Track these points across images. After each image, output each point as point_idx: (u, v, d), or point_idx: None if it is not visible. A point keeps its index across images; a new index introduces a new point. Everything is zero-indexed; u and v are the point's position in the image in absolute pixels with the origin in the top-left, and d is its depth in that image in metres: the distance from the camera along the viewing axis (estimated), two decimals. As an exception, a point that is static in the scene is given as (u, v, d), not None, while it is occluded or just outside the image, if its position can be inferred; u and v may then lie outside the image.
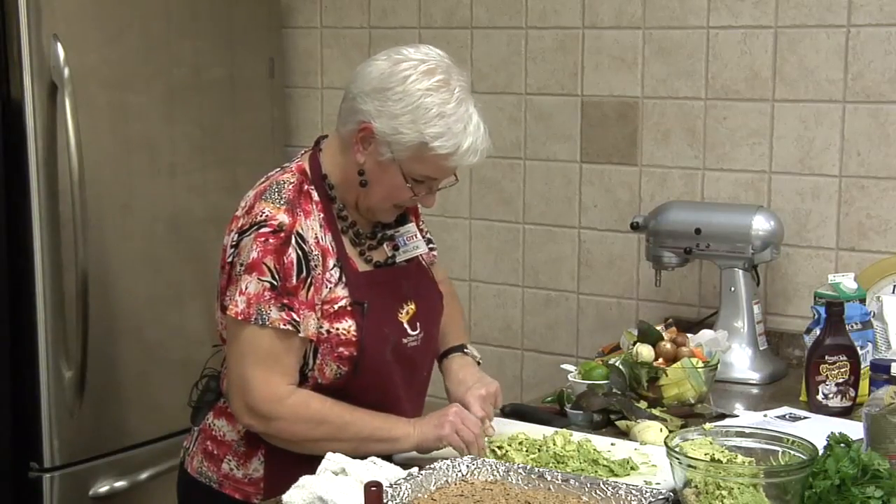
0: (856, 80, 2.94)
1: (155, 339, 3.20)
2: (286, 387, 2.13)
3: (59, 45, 2.90)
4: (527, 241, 3.45)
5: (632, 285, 3.28)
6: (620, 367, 2.58)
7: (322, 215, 2.19)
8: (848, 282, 2.69)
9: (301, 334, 2.12)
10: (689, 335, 2.62)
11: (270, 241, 2.10)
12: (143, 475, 3.15)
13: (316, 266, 2.14)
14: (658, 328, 2.62)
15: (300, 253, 2.12)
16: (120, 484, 3.11)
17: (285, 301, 2.10)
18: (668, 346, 2.55)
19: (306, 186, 2.19)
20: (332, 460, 1.96)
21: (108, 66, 3.06)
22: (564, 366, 2.72)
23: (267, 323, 2.09)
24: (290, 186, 2.17)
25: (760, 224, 2.84)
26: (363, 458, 2.01)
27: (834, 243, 3.00)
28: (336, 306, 2.16)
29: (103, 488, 3.08)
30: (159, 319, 3.22)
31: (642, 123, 3.23)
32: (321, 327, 2.15)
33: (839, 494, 1.81)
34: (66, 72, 2.90)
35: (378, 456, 2.05)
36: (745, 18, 3.06)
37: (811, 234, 3.02)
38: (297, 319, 2.11)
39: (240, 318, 2.10)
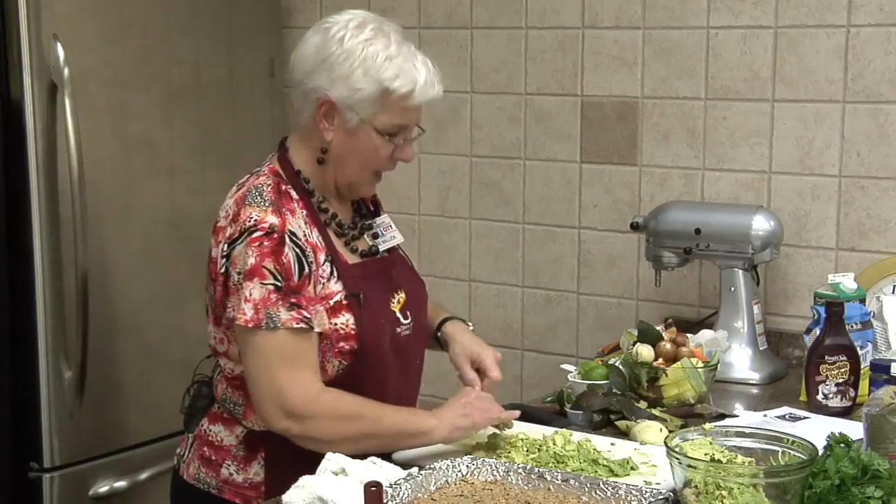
0: (856, 80, 2.94)
1: (155, 339, 3.20)
2: (318, 384, 2.12)
3: (59, 45, 2.90)
4: (527, 241, 3.45)
5: (632, 285, 3.28)
6: (620, 367, 2.58)
7: (305, 212, 2.18)
8: (848, 282, 2.69)
9: (316, 329, 2.11)
10: (688, 335, 2.62)
11: (265, 243, 2.08)
12: (143, 475, 3.15)
13: (311, 262, 2.13)
14: (658, 328, 2.62)
15: (297, 251, 2.11)
16: (120, 484, 3.11)
17: (293, 300, 2.09)
18: (668, 346, 2.55)
19: (283, 186, 2.18)
20: (331, 460, 1.95)
21: (108, 66, 3.06)
22: (564, 366, 2.72)
23: (279, 325, 2.07)
24: (269, 189, 2.15)
25: (760, 224, 2.84)
26: (363, 457, 2.01)
27: (834, 243, 3.00)
28: (332, 301, 2.15)
29: (103, 488, 3.08)
30: (159, 319, 3.22)
31: (642, 123, 3.23)
32: None
33: (839, 494, 1.80)
34: (66, 72, 2.90)
35: (379, 456, 2.05)
36: (745, 18, 3.06)
37: (811, 234, 3.02)
38: (308, 316, 2.10)
39: (250, 325, 2.07)
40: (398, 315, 2.27)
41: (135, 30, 3.13)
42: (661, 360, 2.53)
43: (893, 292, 2.83)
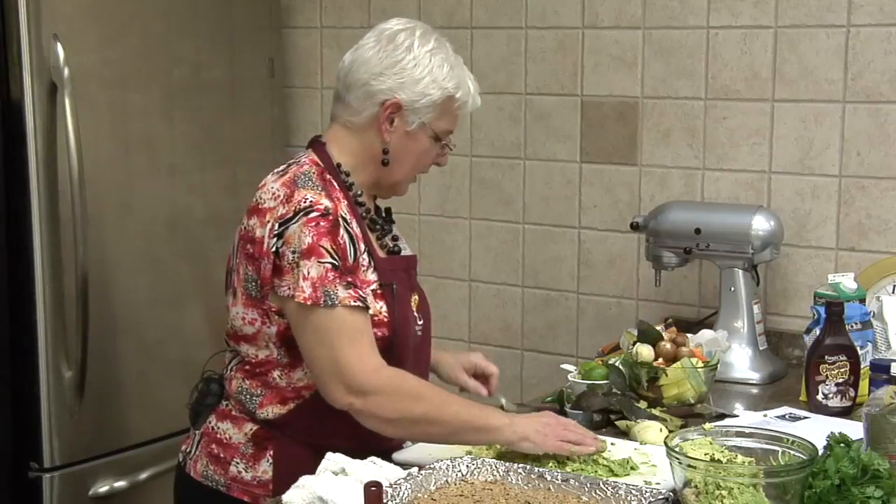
0: (856, 80, 2.94)
1: (155, 339, 3.20)
2: (378, 359, 2.14)
3: (59, 45, 2.90)
4: (527, 241, 3.45)
5: (632, 285, 3.28)
6: (620, 367, 2.58)
7: (346, 202, 2.22)
8: (848, 282, 2.69)
9: (370, 311, 2.15)
10: (688, 335, 2.62)
11: (322, 224, 2.12)
12: (143, 475, 3.15)
13: (357, 248, 2.18)
14: (658, 328, 2.62)
15: (349, 235, 2.16)
16: (120, 484, 3.10)
17: (349, 279, 2.13)
18: (668, 346, 2.55)
19: (327, 175, 2.23)
20: (331, 460, 1.96)
21: (108, 66, 3.06)
22: (564, 366, 2.72)
23: (336, 302, 2.09)
24: (315, 175, 2.20)
25: (760, 224, 2.84)
26: (363, 457, 2.01)
27: (834, 243, 3.00)
28: (368, 290, 2.18)
29: (103, 488, 3.08)
30: (159, 319, 3.22)
31: (642, 123, 3.23)
32: None
33: (839, 494, 1.81)
34: (66, 72, 2.90)
35: (379, 456, 2.05)
36: (745, 18, 3.06)
37: (811, 234, 3.02)
38: (364, 296, 2.14)
39: (308, 303, 2.09)
40: (415, 314, 2.31)
41: (135, 30, 3.13)
42: (661, 360, 2.53)
43: (893, 292, 2.83)
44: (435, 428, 2.13)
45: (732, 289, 2.86)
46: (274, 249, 2.14)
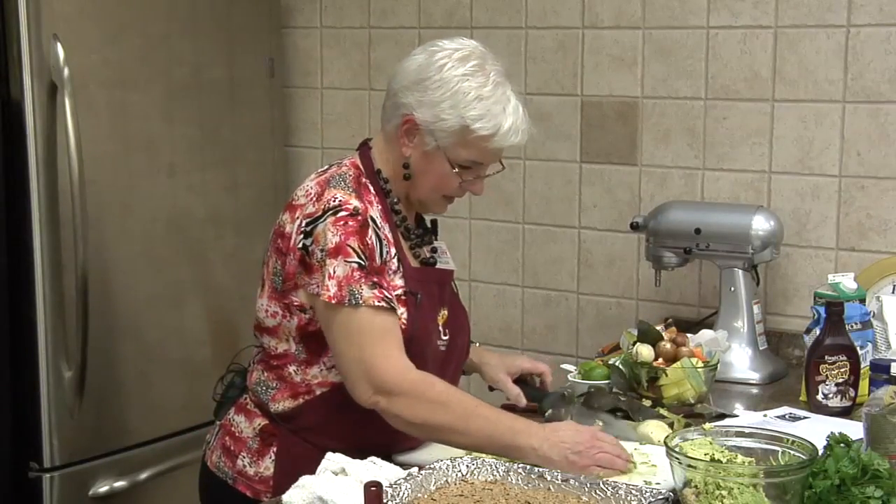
0: (856, 80, 2.94)
1: (155, 338, 3.20)
2: (406, 360, 2.13)
3: (59, 45, 2.90)
4: (527, 241, 3.45)
5: (632, 285, 3.28)
6: (620, 367, 2.58)
7: (380, 207, 2.23)
8: (848, 282, 2.69)
9: (398, 311, 2.15)
10: (688, 335, 2.62)
11: (350, 223, 2.12)
12: (143, 475, 3.15)
13: (386, 251, 2.18)
14: (658, 328, 2.62)
15: (377, 237, 2.16)
16: (120, 484, 3.11)
17: (375, 279, 2.12)
18: (668, 346, 2.55)
19: (364, 179, 2.24)
20: (332, 460, 1.96)
21: (108, 66, 3.06)
22: (564, 366, 2.72)
23: (360, 302, 2.10)
24: (351, 178, 2.21)
25: (760, 224, 2.84)
26: (363, 457, 2.01)
27: (834, 243, 3.00)
28: (393, 294, 2.18)
29: (103, 488, 3.08)
30: (159, 319, 3.22)
31: (642, 123, 3.23)
32: None
33: (839, 494, 1.80)
34: (66, 72, 2.90)
35: (379, 456, 2.05)
36: (745, 18, 3.06)
37: (811, 234, 3.02)
38: (389, 296, 2.13)
39: (333, 301, 2.10)
40: (440, 328, 2.30)
41: (135, 30, 3.13)
42: (661, 360, 2.53)
43: (893, 292, 2.83)
44: (458, 437, 2.11)
45: (732, 289, 2.86)
46: (301, 246, 2.15)
